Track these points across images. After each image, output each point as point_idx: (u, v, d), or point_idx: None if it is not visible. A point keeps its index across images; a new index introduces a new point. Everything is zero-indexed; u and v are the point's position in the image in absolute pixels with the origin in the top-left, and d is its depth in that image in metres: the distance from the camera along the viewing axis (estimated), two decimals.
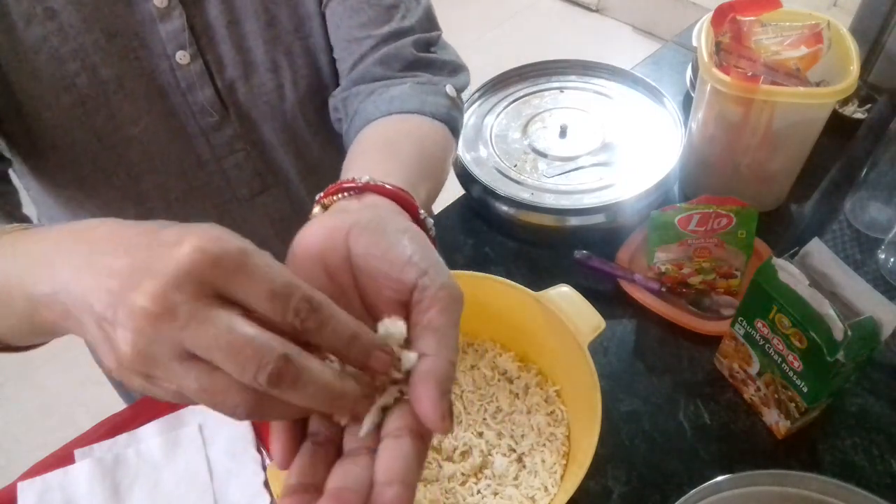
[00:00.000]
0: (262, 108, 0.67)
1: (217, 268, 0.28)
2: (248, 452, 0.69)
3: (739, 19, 0.80)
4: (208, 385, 0.29)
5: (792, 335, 0.60)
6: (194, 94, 0.63)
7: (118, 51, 0.59)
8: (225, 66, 0.64)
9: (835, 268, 0.61)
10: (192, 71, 0.62)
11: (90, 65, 0.58)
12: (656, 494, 0.64)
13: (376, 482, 0.30)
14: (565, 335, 0.63)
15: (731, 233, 0.76)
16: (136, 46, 0.60)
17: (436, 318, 0.33)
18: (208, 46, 0.63)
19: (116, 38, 0.59)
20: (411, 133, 0.58)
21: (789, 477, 0.54)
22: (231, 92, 0.65)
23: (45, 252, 0.34)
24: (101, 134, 0.61)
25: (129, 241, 0.30)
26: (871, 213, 0.84)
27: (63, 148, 0.61)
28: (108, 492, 0.66)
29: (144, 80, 0.61)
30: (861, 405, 0.70)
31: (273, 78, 0.66)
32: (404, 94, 0.62)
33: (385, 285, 0.35)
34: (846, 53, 0.77)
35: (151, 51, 0.61)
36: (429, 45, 0.67)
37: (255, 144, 0.69)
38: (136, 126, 0.62)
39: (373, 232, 0.36)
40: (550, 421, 0.66)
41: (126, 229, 0.32)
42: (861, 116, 0.96)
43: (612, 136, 0.89)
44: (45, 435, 1.69)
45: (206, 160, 0.67)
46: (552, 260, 0.83)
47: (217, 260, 0.28)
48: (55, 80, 0.58)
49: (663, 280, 0.78)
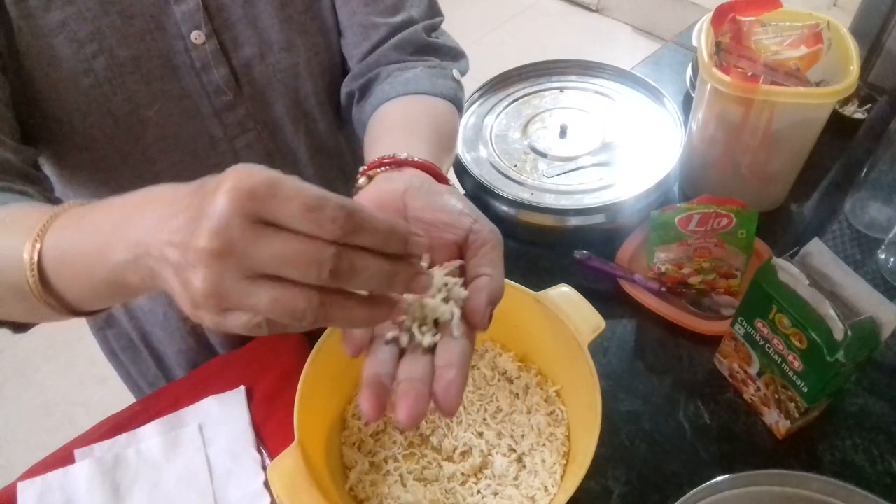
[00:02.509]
0: (275, 87, 0.69)
1: (254, 199, 0.32)
2: (248, 452, 0.69)
3: (739, 19, 0.80)
4: (279, 295, 0.32)
5: (792, 335, 0.60)
6: (209, 73, 0.65)
7: (135, 32, 0.60)
8: (240, 45, 0.66)
9: (835, 268, 0.61)
10: (206, 50, 0.64)
11: (107, 47, 0.60)
12: (656, 494, 0.65)
13: (437, 367, 0.39)
14: (565, 335, 0.63)
15: (731, 233, 0.76)
16: (151, 28, 0.61)
17: (489, 252, 0.43)
18: (224, 26, 0.64)
19: (133, 19, 0.60)
20: (428, 113, 0.65)
21: (789, 477, 0.54)
22: (247, 70, 0.67)
23: (117, 224, 0.38)
24: (118, 115, 0.62)
25: (183, 198, 0.35)
26: (871, 213, 0.84)
27: (80, 131, 0.62)
28: (108, 492, 0.66)
29: (160, 61, 0.62)
30: (861, 405, 0.70)
31: (288, 57, 0.68)
32: (417, 76, 0.68)
33: (445, 230, 0.44)
34: (846, 53, 0.77)
35: (166, 31, 0.62)
36: (433, 30, 0.74)
37: (266, 124, 0.71)
38: (151, 108, 0.63)
39: (427, 192, 0.46)
40: (550, 421, 0.66)
41: (178, 190, 0.36)
42: (861, 116, 0.96)
43: (612, 136, 0.89)
44: (45, 435, 1.69)
45: (218, 139, 0.69)
46: (552, 260, 0.83)
47: (252, 192, 0.32)
48: (74, 63, 0.59)
49: (663, 280, 0.78)
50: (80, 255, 0.40)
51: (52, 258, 0.42)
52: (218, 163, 0.69)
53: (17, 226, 0.44)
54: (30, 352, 1.82)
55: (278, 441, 0.68)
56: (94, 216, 0.41)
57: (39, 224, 0.42)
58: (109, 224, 0.39)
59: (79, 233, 0.41)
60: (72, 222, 0.42)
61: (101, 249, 0.39)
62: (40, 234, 0.42)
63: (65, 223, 0.42)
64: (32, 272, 0.42)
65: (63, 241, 0.42)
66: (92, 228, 0.40)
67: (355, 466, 0.64)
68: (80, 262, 0.40)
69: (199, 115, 0.66)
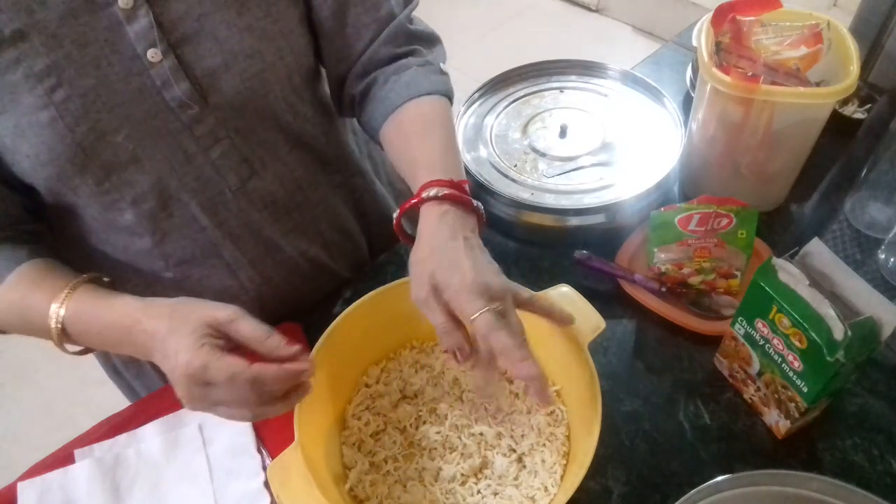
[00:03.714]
0: (244, 94, 0.68)
1: (196, 377, 0.54)
2: (248, 452, 0.69)
3: (739, 19, 0.80)
4: (226, 413, 0.56)
5: (792, 335, 0.60)
6: (170, 89, 0.63)
7: (90, 60, 0.59)
8: (201, 56, 0.64)
9: (835, 268, 0.61)
10: (165, 67, 0.62)
11: (66, 79, 0.59)
12: (656, 494, 0.65)
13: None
14: (565, 335, 0.63)
15: (731, 233, 0.76)
16: (107, 52, 0.60)
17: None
18: (181, 41, 0.63)
19: (87, 47, 0.59)
20: (437, 119, 0.72)
21: (789, 477, 0.54)
22: (213, 81, 0.66)
23: (121, 339, 0.59)
24: (85, 145, 0.61)
25: (158, 350, 0.57)
26: (871, 213, 0.84)
27: (49, 164, 0.61)
28: (108, 492, 0.66)
29: (120, 85, 0.61)
30: (861, 405, 0.70)
31: (253, 63, 0.67)
32: (415, 78, 0.73)
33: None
34: (846, 53, 0.77)
35: (122, 54, 0.61)
36: (411, 16, 0.77)
37: (238, 131, 0.70)
38: (118, 133, 0.62)
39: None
40: (550, 421, 0.66)
41: (154, 338, 0.57)
42: (861, 116, 0.96)
43: (612, 136, 0.89)
44: (45, 435, 1.69)
45: (192, 153, 0.68)
46: (552, 260, 0.83)
47: (193, 376, 0.54)
48: (33, 99, 0.58)
49: (663, 280, 0.78)
50: (95, 336, 0.61)
51: (72, 324, 0.60)
52: (196, 177, 0.69)
53: (44, 285, 0.62)
54: (30, 352, 1.82)
55: (278, 441, 0.68)
56: (102, 320, 0.60)
57: (63, 291, 0.60)
58: (115, 336, 0.59)
59: (95, 321, 0.60)
60: (88, 309, 0.60)
61: (110, 344, 0.61)
62: (66, 299, 0.60)
63: (79, 306, 0.60)
64: (57, 327, 0.60)
65: (80, 323, 0.60)
66: (100, 328, 0.60)
67: (355, 466, 0.64)
68: (95, 341, 0.62)
69: (169, 132, 0.65)
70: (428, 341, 0.74)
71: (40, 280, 0.63)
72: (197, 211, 0.70)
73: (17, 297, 0.62)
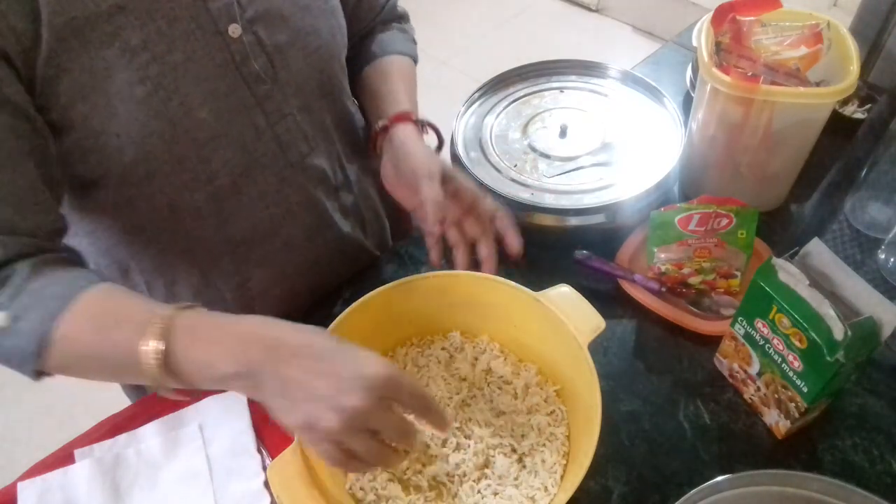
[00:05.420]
0: (305, 71, 0.72)
1: (380, 390, 0.50)
2: (248, 452, 0.69)
3: (739, 19, 0.80)
4: (375, 447, 0.51)
5: (792, 335, 0.60)
6: (248, 65, 0.67)
7: (180, 34, 0.62)
8: (272, 34, 0.68)
9: (835, 268, 0.61)
10: (244, 42, 0.66)
11: (159, 53, 0.61)
12: (656, 494, 0.65)
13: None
14: (565, 335, 0.63)
15: (731, 233, 0.76)
16: (193, 28, 0.62)
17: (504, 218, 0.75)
18: (255, 17, 0.66)
19: (176, 22, 0.61)
20: (408, 72, 0.87)
21: (789, 477, 0.54)
22: (282, 57, 0.69)
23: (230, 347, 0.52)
24: (175, 121, 0.63)
25: (320, 366, 0.51)
26: (871, 213, 0.84)
27: (140, 142, 0.62)
28: (108, 492, 0.66)
29: (205, 60, 0.64)
30: (861, 405, 0.70)
31: (313, 40, 0.72)
32: (395, 38, 0.89)
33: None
34: (846, 53, 0.77)
35: (205, 30, 0.63)
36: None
37: (300, 108, 0.73)
38: (203, 108, 0.65)
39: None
40: (550, 421, 0.66)
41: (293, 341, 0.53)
42: (861, 116, 0.96)
43: (612, 136, 0.89)
44: (45, 435, 1.69)
45: (262, 129, 0.71)
46: (552, 260, 0.83)
47: (383, 387, 0.51)
48: (129, 73, 0.59)
49: (663, 280, 0.78)
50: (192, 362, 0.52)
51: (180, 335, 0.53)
52: (263, 153, 0.71)
53: (127, 321, 0.55)
54: None
55: (278, 441, 0.68)
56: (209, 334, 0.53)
57: (158, 324, 0.52)
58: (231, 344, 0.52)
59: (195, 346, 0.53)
60: (186, 338, 0.53)
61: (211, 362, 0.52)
62: (163, 334, 0.52)
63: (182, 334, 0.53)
64: (158, 362, 0.52)
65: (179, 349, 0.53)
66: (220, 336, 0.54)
67: None
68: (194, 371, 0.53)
69: (244, 107, 0.68)
70: (428, 341, 0.74)
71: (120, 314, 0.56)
72: (264, 186, 0.73)
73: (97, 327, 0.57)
